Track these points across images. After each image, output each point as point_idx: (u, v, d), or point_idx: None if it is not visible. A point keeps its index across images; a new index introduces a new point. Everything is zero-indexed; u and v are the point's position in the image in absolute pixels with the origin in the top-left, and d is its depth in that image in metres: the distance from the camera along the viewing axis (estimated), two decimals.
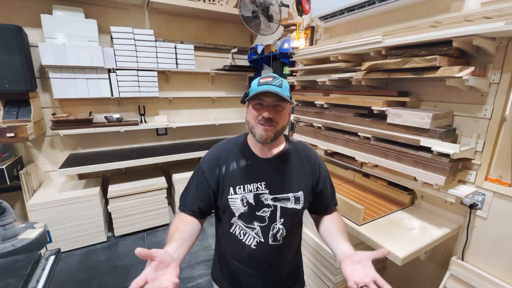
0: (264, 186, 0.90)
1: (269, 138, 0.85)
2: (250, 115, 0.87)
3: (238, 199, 0.89)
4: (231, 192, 0.90)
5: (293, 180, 0.93)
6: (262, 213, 0.90)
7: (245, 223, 0.91)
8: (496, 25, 0.95)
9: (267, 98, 0.83)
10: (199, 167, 0.96)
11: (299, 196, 0.92)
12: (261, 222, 0.90)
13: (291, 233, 0.95)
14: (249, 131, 0.90)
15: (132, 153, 2.83)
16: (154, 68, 2.76)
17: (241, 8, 2.35)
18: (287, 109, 0.89)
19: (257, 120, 0.85)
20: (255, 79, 0.90)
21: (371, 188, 1.70)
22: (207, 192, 0.92)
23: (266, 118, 0.83)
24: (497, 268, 1.18)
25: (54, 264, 1.25)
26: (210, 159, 0.95)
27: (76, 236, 2.45)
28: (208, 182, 0.91)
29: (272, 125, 0.84)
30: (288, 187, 0.92)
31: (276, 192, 0.91)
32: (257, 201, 0.90)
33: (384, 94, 1.49)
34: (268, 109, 0.84)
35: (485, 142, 1.17)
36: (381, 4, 1.46)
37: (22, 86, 2.15)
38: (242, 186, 0.90)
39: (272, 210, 0.90)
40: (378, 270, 1.64)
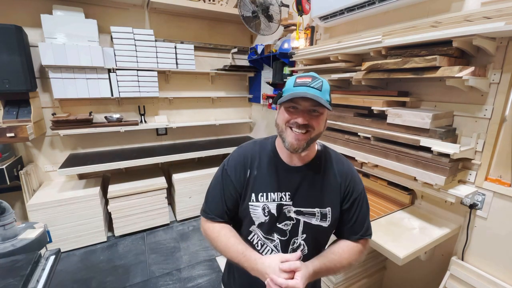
0: (288, 197, 0.82)
1: (300, 148, 0.76)
2: (282, 117, 0.77)
3: (260, 208, 0.82)
4: (253, 198, 0.83)
5: (322, 193, 0.83)
6: (283, 226, 0.83)
7: (264, 234, 0.84)
8: (496, 25, 0.95)
9: (304, 102, 0.73)
10: (223, 170, 0.87)
11: (326, 213, 0.83)
12: (282, 235, 0.83)
13: (313, 252, 0.85)
14: (279, 135, 0.81)
15: (132, 153, 2.82)
16: (154, 68, 2.76)
17: (241, 8, 2.35)
18: (325, 114, 0.78)
19: (289, 123, 0.75)
20: (291, 77, 0.79)
21: (371, 188, 1.70)
22: (235, 197, 0.85)
23: (300, 124, 0.73)
24: (497, 268, 1.18)
25: (54, 264, 1.25)
26: (235, 160, 0.87)
27: (76, 236, 2.45)
28: (235, 186, 0.84)
29: (306, 131, 0.75)
30: (314, 201, 0.83)
31: (300, 205, 0.82)
32: (280, 212, 0.82)
33: (384, 94, 1.49)
34: (303, 115, 0.73)
35: (485, 142, 1.17)
36: (381, 4, 1.46)
37: (22, 86, 2.15)
38: (265, 194, 0.82)
39: (295, 223, 0.83)
40: (378, 270, 1.64)
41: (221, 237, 0.82)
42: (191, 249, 2.47)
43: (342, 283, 1.52)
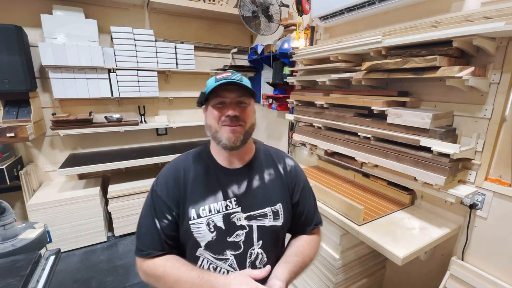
0: (235, 203, 0.75)
1: (238, 140, 0.73)
2: (211, 116, 0.74)
3: (203, 224, 0.73)
4: (193, 216, 0.73)
5: (269, 191, 0.80)
6: (235, 237, 0.74)
7: (214, 255, 0.74)
8: (496, 25, 0.95)
9: (230, 94, 0.73)
10: (152, 192, 0.77)
11: (278, 210, 0.79)
12: (235, 250, 0.74)
13: (273, 258, 0.79)
14: (212, 137, 0.77)
15: (132, 153, 2.82)
16: (154, 68, 2.76)
17: (241, 8, 2.35)
18: (252, 105, 0.79)
19: (221, 121, 0.73)
20: (210, 78, 0.78)
21: (371, 188, 1.70)
22: (172, 221, 0.74)
23: (232, 116, 0.71)
24: (497, 268, 1.18)
25: (54, 264, 1.25)
26: (165, 177, 0.77)
27: (76, 236, 2.45)
28: (169, 206, 0.74)
29: (239, 124, 0.73)
30: (264, 201, 0.78)
31: (250, 209, 0.76)
32: (228, 224, 0.74)
33: (384, 94, 1.49)
34: (232, 107, 0.73)
35: (485, 142, 1.17)
36: (381, 4, 1.46)
37: (22, 86, 2.15)
38: (207, 206, 0.74)
39: (248, 231, 0.75)
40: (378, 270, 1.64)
41: (167, 271, 0.69)
42: None
43: (342, 283, 1.52)
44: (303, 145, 2.10)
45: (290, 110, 2.42)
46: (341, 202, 1.39)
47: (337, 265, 1.46)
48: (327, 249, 1.52)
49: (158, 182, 0.78)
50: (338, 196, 1.42)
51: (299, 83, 2.12)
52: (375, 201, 1.53)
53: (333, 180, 1.84)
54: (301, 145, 2.29)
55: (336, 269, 1.47)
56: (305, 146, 2.06)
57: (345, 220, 1.34)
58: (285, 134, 2.79)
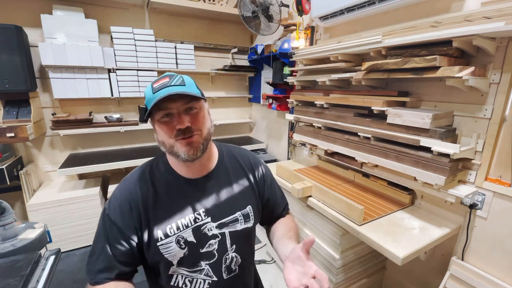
0: (204, 214, 0.71)
1: (198, 151, 0.67)
2: (162, 133, 0.66)
3: (173, 243, 0.68)
4: (160, 236, 0.67)
5: (238, 195, 0.77)
6: (208, 247, 0.71)
7: (189, 269, 0.71)
8: (496, 25, 0.95)
9: (174, 104, 0.64)
10: (104, 216, 0.69)
11: (248, 212, 0.77)
12: (210, 259, 0.72)
13: (246, 256, 0.80)
14: (169, 153, 0.70)
15: (132, 153, 2.82)
16: (154, 68, 2.76)
17: (241, 8, 2.35)
18: (204, 108, 0.71)
19: (174, 136, 0.65)
20: (147, 87, 0.68)
21: (371, 188, 1.70)
22: (127, 248, 0.68)
23: (183, 129, 0.64)
24: (497, 268, 1.18)
25: (54, 264, 1.25)
26: (119, 200, 0.69)
27: (76, 236, 2.45)
28: (124, 233, 0.67)
29: (194, 134, 0.66)
30: (233, 206, 0.76)
31: (220, 217, 0.73)
32: (199, 236, 0.70)
33: (384, 94, 1.49)
34: (180, 119, 0.65)
35: (485, 142, 1.17)
36: (381, 4, 1.46)
37: (22, 86, 2.15)
38: (175, 223, 0.69)
39: (220, 239, 0.73)
40: (378, 270, 1.63)
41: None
42: None
43: (342, 283, 1.52)
44: (303, 145, 2.10)
45: (290, 110, 2.42)
46: (341, 202, 1.39)
47: (337, 265, 1.46)
48: (327, 249, 1.52)
49: (111, 206, 0.69)
50: (338, 196, 1.42)
51: (299, 83, 2.12)
52: (375, 201, 1.53)
53: (333, 180, 1.84)
54: (301, 145, 2.29)
55: (336, 269, 1.47)
56: (305, 146, 2.06)
57: (345, 220, 1.34)
58: (285, 134, 2.79)
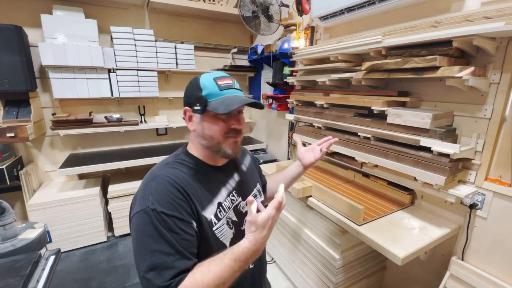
0: (236, 194, 0.80)
1: (240, 150, 0.76)
2: (215, 128, 0.69)
3: (224, 224, 0.73)
4: (214, 221, 0.70)
5: (250, 176, 0.90)
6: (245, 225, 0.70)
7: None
8: (496, 25, 0.95)
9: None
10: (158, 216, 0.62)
11: (260, 188, 0.92)
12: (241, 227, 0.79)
13: None
14: (209, 147, 0.72)
15: (132, 153, 2.82)
16: (154, 68, 2.76)
17: (241, 8, 2.35)
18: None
19: (225, 134, 0.70)
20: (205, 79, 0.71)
21: (371, 188, 1.70)
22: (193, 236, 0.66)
23: (238, 130, 0.71)
24: (497, 268, 1.18)
25: (54, 264, 1.25)
26: (166, 194, 0.65)
27: (76, 236, 2.45)
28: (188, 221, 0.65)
29: (239, 135, 0.74)
30: (252, 184, 0.88)
31: (247, 195, 0.82)
32: (238, 215, 0.78)
33: (384, 94, 1.49)
34: (237, 118, 0.71)
35: (485, 142, 1.17)
36: (381, 4, 1.46)
37: (22, 86, 2.15)
38: (221, 207, 0.74)
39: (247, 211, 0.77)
40: (378, 270, 1.64)
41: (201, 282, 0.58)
42: None
43: (342, 283, 1.52)
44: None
45: (290, 110, 2.42)
46: (341, 202, 1.39)
47: (337, 265, 1.46)
48: (327, 249, 1.52)
49: (160, 203, 0.64)
50: (338, 196, 1.42)
51: (299, 83, 2.12)
52: (375, 201, 1.53)
53: (333, 180, 1.84)
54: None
55: (336, 269, 1.47)
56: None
57: (345, 220, 1.34)
58: (285, 134, 2.79)
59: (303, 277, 1.76)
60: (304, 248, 1.72)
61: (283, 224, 1.93)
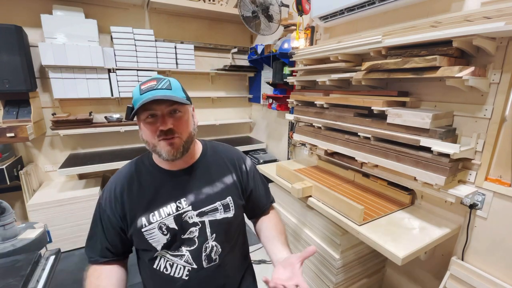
0: (185, 203, 0.77)
1: (178, 153, 0.72)
2: (146, 132, 0.72)
3: (155, 228, 0.74)
4: (144, 223, 0.74)
5: (218, 186, 0.82)
6: (189, 234, 0.76)
7: (171, 252, 0.77)
8: (496, 25, 0.95)
9: (158, 106, 0.69)
10: (99, 205, 0.80)
11: (228, 203, 0.82)
12: (190, 246, 0.76)
13: (228, 247, 0.83)
14: (152, 151, 0.76)
15: (132, 153, 2.82)
16: (154, 68, 2.76)
17: (241, 8, 2.35)
18: (187, 112, 0.75)
19: (156, 135, 0.71)
20: (135, 87, 0.73)
21: (371, 188, 1.70)
22: (116, 232, 0.77)
23: (165, 130, 0.69)
24: (497, 268, 1.19)
25: (54, 264, 1.25)
26: (109, 192, 0.79)
27: (76, 236, 2.45)
28: (113, 220, 0.77)
29: (176, 136, 0.71)
30: (213, 197, 0.80)
31: (201, 206, 0.78)
32: (181, 223, 0.76)
33: (384, 94, 1.49)
34: (164, 120, 0.70)
35: (485, 142, 1.17)
36: (381, 4, 1.46)
37: (22, 86, 2.15)
38: (157, 211, 0.75)
39: (200, 227, 0.77)
40: (378, 270, 1.63)
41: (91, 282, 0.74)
42: None
43: (342, 283, 1.52)
44: (303, 145, 2.10)
45: (290, 110, 2.42)
46: (341, 202, 1.39)
47: (337, 265, 1.46)
48: (327, 249, 1.52)
49: (104, 197, 0.79)
50: (338, 196, 1.42)
51: (299, 83, 2.12)
52: (375, 201, 1.53)
53: (333, 180, 1.84)
54: (301, 145, 2.29)
55: (336, 269, 1.47)
56: (305, 146, 2.06)
57: (345, 220, 1.34)
58: (285, 134, 2.79)
59: (303, 277, 1.76)
60: (304, 248, 1.72)
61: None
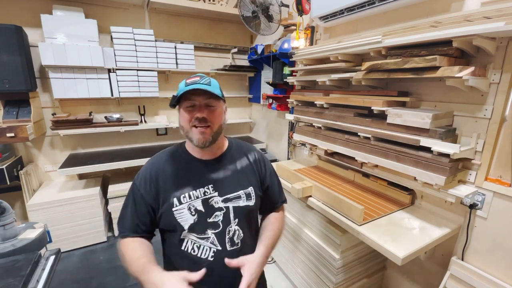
0: (212, 189, 0.86)
1: (207, 142, 0.82)
2: (183, 118, 0.83)
3: (185, 209, 0.83)
4: (175, 203, 0.83)
5: (241, 177, 0.92)
6: (214, 218, 0.85)
7: (197, 235, 0.84)
8: (496, 25, 0.95)
9: (198, 97, 0.81)
10: (133, 186, 0.88)
11: (250, 192, 0.91)
12: (215, 229, 0.85)
13: (248, 232, 0.91)
14: (186, 136, 0.86)
15: (132, 153, 2.83)
16: (154, 68, 2.76)
17: (241, 8, 2.35)
18: (220, 107, 0.86)
19: (191, 123, 0.81)
20: (181, 82, 0.85)
21: (371, 188, 1.70)
22: (147, 210, 0.85)
23: (200, 118, 0.80)
24: (497, 268, 1.19)
25: (54, 264, 1.25)
26: (144, 173, 0.88)
27: (76, 236, 2.45)
28: (146, 199, 0.85)
29: (207, 126, 0.82)
30: (237, 185, 0.90)
31: (226, 193, 0.87)
32: (207, 207, 0.85)
33: (384, 94, 1.49)
34: (201, 109, 0.81)
35: (485, 142, 1.17)
36: (381, 4, 1.46)
37: (22, 86, 2.15)
38: (187, 194, 0.84)
39: (225, 212, 0.86)
40: (378, 270, 1.64)
41: (128, 251, 0.80)
42: None
43: (342, 283, 1.52)
44: (303, 145, 2.10)
45: (290, 110, 2.42)
46: (341, 202, 1.39)
47: (337, 265, 1.46)
48: (327, 249, 1.52)
49: (138, 177, 0.88)
50: (338, 196, 1.42)
51: (299, 83, 2.12)
52: (375, 201, 1.53)
53: (333, 180, 1.84)
54: (301, 145, 2.29)
55: (336, 269, 1.47)
56: (305, 146, 2.06)
57: (345, 220, 1.34)
58: (285, 134, 2.79)
59: (303, 277, 1.76)
60: (304, 248, 1.72)
61: None
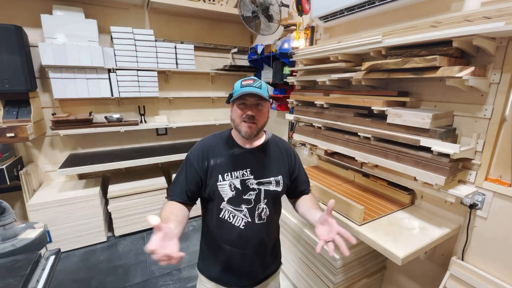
0: (249, 172, 1.03)
1: (252, 134, 1.00)
2: (236, 114, 1.00)
3: (227, 185, 1.00)
4: (220, 179, 1.00)
5: (273, 166, 1.08)
6: (248, 196, 1.01)
7: (233, 207, 1.01)
8: (496, 25, 0.95)
9: (250, 98, 0.96)
10: (187, 160, 1.05)
11: (279, 180, 1.07)
12: (248, 204, 1.02)
13: (273, 212, 1.08)
14: (235, 128, 1.03)
15: (132, 153, 2.83)
16: (154, 68, 2.76)
17: (241, 8, 2.35)
18: (267, 107, 1.04)
19: (242, 118, 0.98)
20: (237, 81, 1.01)
21: (371, 188, 1.70)
22: (196, 180, 1.02)
23: (250, 115, 0.96)
24: (497, 268, 1.19)
25: (54, 264, 1.25)
26: (198, 151, 1.05)
27: (76, 236, 2.45)
28: (197, 171, 1.01)
29: (254, 122, 0.98)
30: (269, 173, 1.06)
31: (260, 177, 1.04)
32: (244, 186, 1.01)
33: (384, 94, 1.49)
34: (251, 108, 0.97)
35: (485, 142, 1.17)
36: (381, 4, 1.46)
37: (22, 86, 2.15)
38: (230, 173, 1.01)
39: (257, 193, 1.03)
40: (378, 270, 1.64)
41: (165, 209, 0.95)
42: (191, 249, 2.47)
43: (342, 283, 1.52)
44: (303, 145, 2.10)
45: (290, 110, 2.42)
46: (341, 202, 1.39)
47: (337, 265, 1.46)
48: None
49: (192, 153, 1.06)
50: (338, 196, 1.42)
51: (299, 83, 2.12)
52: (375, 201, 1.53)
53: (333, 180, 1.84)
54: (301, 145, 2.29)
55: (336, 269, 1.47)
56: (305, 146, 2.06)
57: (345, 220, 1.34)
58: (285, 134, 2.79)
59: (303, 277, 1.76)
60: (304, 248, 1.72)
61: (283, 224, 1.93)
